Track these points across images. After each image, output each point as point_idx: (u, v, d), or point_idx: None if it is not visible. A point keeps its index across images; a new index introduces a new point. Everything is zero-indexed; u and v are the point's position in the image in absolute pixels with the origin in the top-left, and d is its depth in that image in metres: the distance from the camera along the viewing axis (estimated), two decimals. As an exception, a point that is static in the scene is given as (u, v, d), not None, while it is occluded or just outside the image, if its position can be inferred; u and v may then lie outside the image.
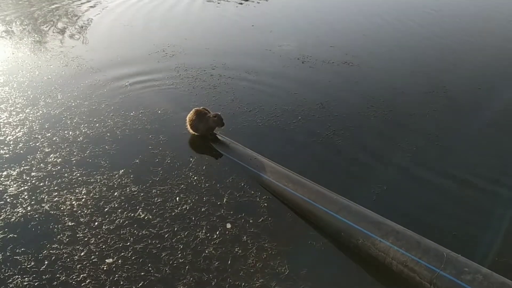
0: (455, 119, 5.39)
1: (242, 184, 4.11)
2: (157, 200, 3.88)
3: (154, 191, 3.99)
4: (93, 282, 3.06)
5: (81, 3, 10.77)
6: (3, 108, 5.42)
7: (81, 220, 3.62)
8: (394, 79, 6.50)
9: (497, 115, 5.51)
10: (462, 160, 4.57)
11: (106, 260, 3.24)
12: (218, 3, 10.99)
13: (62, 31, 8.62)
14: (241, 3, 10.91)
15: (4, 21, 9.22)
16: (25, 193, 3.90)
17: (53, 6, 10.43)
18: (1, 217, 3.62)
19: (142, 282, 3.07)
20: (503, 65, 7.16)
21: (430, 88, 6.17)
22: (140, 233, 3.50)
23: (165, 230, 3.54)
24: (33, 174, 4.17)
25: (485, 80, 6.53)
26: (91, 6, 10.43)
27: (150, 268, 3.18)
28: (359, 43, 8.06)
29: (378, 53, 7.52)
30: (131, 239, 3.44)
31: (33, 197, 3.86)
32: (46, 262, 3.21)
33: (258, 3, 10.97)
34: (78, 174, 4.18)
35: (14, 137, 4.77)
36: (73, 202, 3.81)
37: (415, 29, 8.95)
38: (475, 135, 5.05)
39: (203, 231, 3.54)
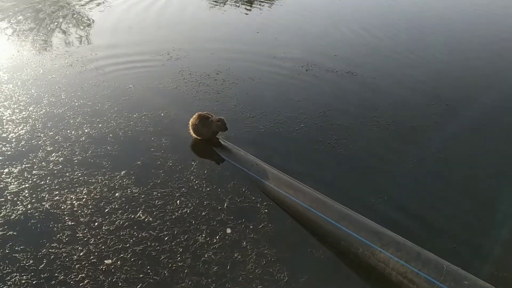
0: (457, 131, 5.40)
1: (243, 190, 4.11)
2: (158, 202, 3.88)
3: (155, 193, 3.99)
4: (91, 282, 3.06)
5: (90, 7, 10.83)
6: (7, 105, 5.43)
7: (81, 220, 3.62)
8: (396, 90, 6.52)
9: (500, 126, 5.54)
10: (464, 173, 4.58)
11: (105, 261, 3.24)
12: (224, 9, 11.06)
13: (67, 31, 8.65)
14: (247, 10, 10.97)
15: (9, 19, 9.26)
16: (26, 191, 3.90)
17: (59, 6, 10.49)
18: (1, 214, 3.61)
19: (140, 284, 3.06)
20: (506, 78, 7.20)
21: (432, 100, 6.19)
22: (139, 235, 3.49)
23: (165, 233, 3.54)
24: (34, 172, 4.17)
25: (488, 93, 6.55)
26: (99, 11, 10.48)
27: (149, 271, 3.18)
28: (363, 53, 8.10)
29: (381, 64, 7.56)
30: (131, 240, 3.44)
31: (34, 195, 3.86)
32: (45, 261, 3.20)
33: (263, 10, 11.04)
34: (80, 174, 4.19)
35: (16, 134, 4.77)
36: (74, 202, 3.81)
37: (418, 40, 8.99)
38: (477, 147, 5.05)
39: (203, 235, 3.54)
